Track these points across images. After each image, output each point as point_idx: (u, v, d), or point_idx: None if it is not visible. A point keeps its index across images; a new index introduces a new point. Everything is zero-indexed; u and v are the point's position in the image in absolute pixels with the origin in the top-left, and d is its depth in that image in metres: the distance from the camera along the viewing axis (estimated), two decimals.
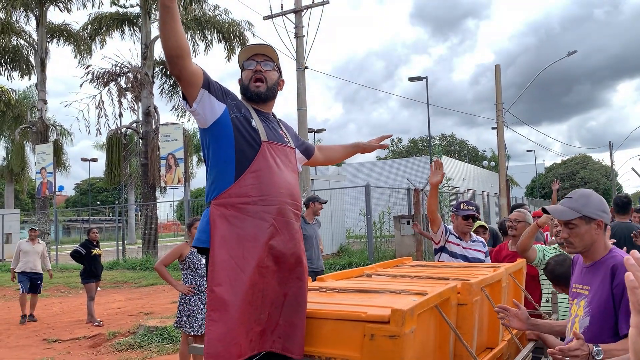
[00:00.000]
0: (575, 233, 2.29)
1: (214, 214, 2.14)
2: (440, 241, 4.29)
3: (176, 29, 1.98)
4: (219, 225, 2.12)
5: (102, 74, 18.26)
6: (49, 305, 11.15)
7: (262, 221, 2.16)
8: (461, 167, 37.11)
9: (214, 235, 2.11)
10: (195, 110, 2.20)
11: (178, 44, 2.00)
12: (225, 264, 2.06)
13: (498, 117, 19.70)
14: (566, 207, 2.31)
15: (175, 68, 2.06)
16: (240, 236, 2.11)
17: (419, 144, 60.56)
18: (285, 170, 2.30)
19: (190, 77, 2.11)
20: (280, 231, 2.20)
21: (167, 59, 2.05)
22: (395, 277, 3.00)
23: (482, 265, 3.52)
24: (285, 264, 2.21)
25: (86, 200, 57.52)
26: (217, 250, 2.08)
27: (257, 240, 2.13)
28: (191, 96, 2.17)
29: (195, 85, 2.15)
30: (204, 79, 2.17)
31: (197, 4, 20.03)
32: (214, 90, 2.21)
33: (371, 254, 13.37)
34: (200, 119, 2.23)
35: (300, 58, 13.35)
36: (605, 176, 58.66)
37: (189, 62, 2.08)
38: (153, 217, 18.77)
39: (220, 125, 2.22)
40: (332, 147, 2.97)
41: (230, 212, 2.14)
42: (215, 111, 2.21)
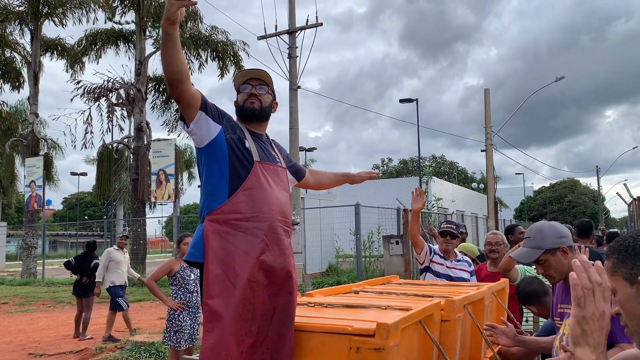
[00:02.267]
0: (548, 266, 2.42)
1: (208, 229, 2.24)
2: (425, 261, 4.40)
3: (177, 55, 2.11)
4: (212, 240, 2.22)
5: (93, 89, 18.33)
6: (34, 319, 11.06)
7: (254, 237, 2.26)
8: (450, 189, 37.38)
9: (208, 250, 2.21)
10: (192, 130, 2.31)
11: (178, 68, 2.13)
12: (218, 278, 2.16)
13: (487, 140, 19.97)
14: (528, 248, 2.43)
15: (176, 91, 2.19)
16: (232, 251, 2.21)
17: (409, 165, 60.92)
18: (276, 189, 2.41)
19: (189, 99, 2.23)
20: (270, 247, 2.30)
21: (167, 82, 2.18)
22: (382, 294, 3.09)
23: (467, 284, 3.62)
24: (275, 278, 2.30)
25: (74, 215, 57.09)
26: (211, 264, 2.18)
27: (249, 255, 2.23)
28: (189, 117, 2.29)
29: (194, 107, 2.27)
30: (202, 102, 2.29)
31: (193, 23, 20.25)
32: (211, 112, 2.33)
33: (360, 274, 13.42)
34: (197, 138, 2.35)
35: (293, 78, 13.54)
36: (593, 200, 59.25)
37: (188, 86, 2.21)
38: (142, 233, 18.71)
39: (215, 145, 2.33)
40: (323, 173, 3.11)
41: (223, 228, 2.24)
42: (211, 132, 2.33)
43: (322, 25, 13.36)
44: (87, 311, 8.88)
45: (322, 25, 13.31)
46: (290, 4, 13.98)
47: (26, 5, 20.16)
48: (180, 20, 2.05)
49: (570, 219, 55.77)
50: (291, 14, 13.87)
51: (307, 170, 2.95)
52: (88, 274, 8.93)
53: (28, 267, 19.68)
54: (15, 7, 20.31)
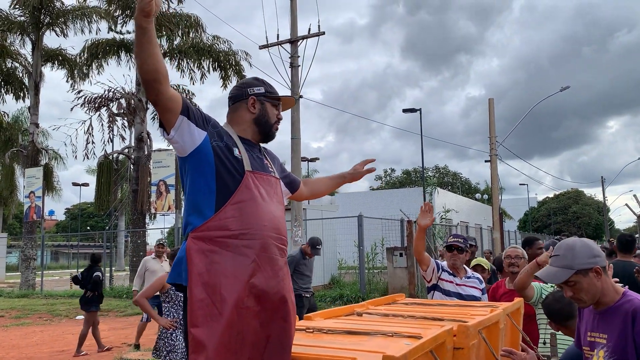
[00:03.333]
0: (579, 289, 2.15)
1: (191, 248, 1.99)
2: (432, 279, 4.12)
3: (152, 52, 1.86)
4: (196, 260, 1.96)
5: (93, 99, 18.18)
6: (29, 334, 10.80)
7: (243, 257, 2.01)
8: (454, 200, 37.07)
9: (191, 271, 1.95)
10: (173, 138, 2.07)
11: (155, 67, 1.88)
12: (202, 304, 1.91)
13: (491, 150, 19.72)
14: (557, 268, 2.18)
15: (152, 93, 1.94)
16: (218, 273, 1.96)
17: (412, 175, 60.65)
18: (270, 202, 2.16)
19: (168, 102, 1.99)
20: (262, 268, 2.04)
21: (143, 83, 1.94)
22: (387, 317, 2.83)
23: (478, 304, 3.36)
24: (268, 303, 2.04)
25: (76, 225, 56.94)
26: (194, 288, 1.93)
27: (237, 277, 1.97)
28: (169, 123, 2.04)
29: (173, 112, 2.02)
30: (183, 105, 2.05)
31: (196, 33, 20.11)
32: (194, 117, 2.09)
33: (363, 286, 13.13)
34: (179, 147, 2.11)
35: (295, 87, 13.34)
36: (597, 211, 58.82)
37: (167, 87, 1.96)
38: (142, 244, 18.46)
39: (200, 154, 2.09)
40: (317, 180, 2.85)
41: (209, 247, 1.99)
42: (194, 139, 2.08)
43: (324, 34, 13.18)
44: (86, 326, 8.54)
45: (325, 34, 13.14)
46: (293, 13, 13.82)
47: (27, 15, 20.09)
48: (156, 11, 1.79)
49: (575, 230, 55.33)
50: (293, 23, 13.71)
51: (300, 181, 2.70)
52: (90, 288, 8.65)
53: (27, 278, 19.42)
54: (17, 17, 20.24)
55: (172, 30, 19.33)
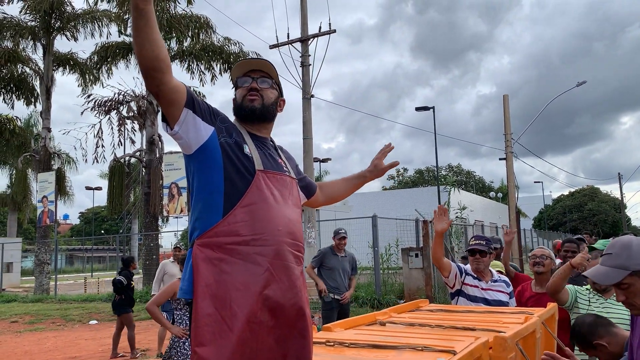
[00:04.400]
0: (633, 293, 1.90)
1: (197, 256, 1.79)
2: (456, 284, 3.88)
3: (152, 37, 1.66)
4: (203, 270, 1.76)
5: (104, 102, 18.11)
6: (42, 339, 10.71)
7: (255, 265, 1.80)
8: (468, 198, 36.68)
9: (197, 283, 1.75)
10: (177, 133, 1.86)
11: (155, 54, 1.67)
12: (210, 319, 1.70)
13: (507, 147, 19.40)
14: (609, 267, 1.92)
15: (153, 83, 1.73)
16: (228, 284, 1.75)
17: (425, 175, 60.24)
18: (284, 204, 1.95)
19: (171, 94, 1.78)
20: (277, 278, 1.83)
21: (142, 72, 1.72)
22: (413, 327, 2.61)
23: (509, 310, 3.13)
24: (284, 318, 1.83)
25: (90, 229, 57.26)
26: (200, 301, 1.72)
27: (249, 289, 1.77)
28: (172, 117, 1.84)
29: (177, 104, 1.82)
30: (188, 97, 1.84)
31: (206, 35, 19.98)
32: (200, 110, 1.88)
33: (378, 288, 12.90)
34: (184, 143, 1.90)
35: (306, 86, 13.16)
36: (614, 208, 57.94)
37: (169, 77, 1.75)
38: (155, 247, 18.37)
39: (206, 151, 1.89)
40: (332, 184, 2.54)
41: (217, 255, 1.79)
42: (201, 134, 1.88)
43: (335, 32, 12.97)
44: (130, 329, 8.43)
45: (335, 32, 12.93)
46: (303, 11, 13.64)
47: (38, 20, 20.11)
48: None
49: (591, 227, 54.54)
50: (303, 22, 13.53)
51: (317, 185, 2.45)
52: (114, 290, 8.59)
53: (41, 283, 19.43)
54: (28, 22, 20.26)
55: (181, 31, 19.23)
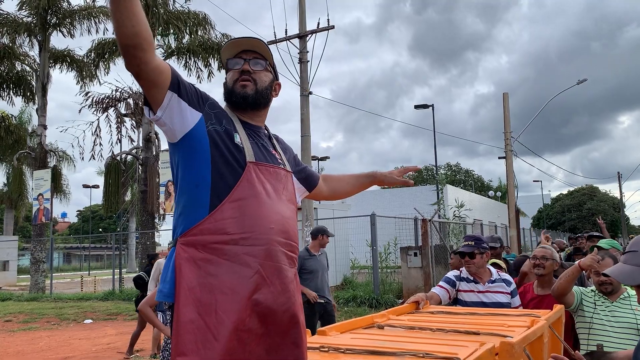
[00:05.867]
0: None
1: (180, 256, 1.62)
2: (451, 296, 3.73)
3: (132, 10, 1.48)
4: (186, 272, 1.59)
5: (101, 100, 17.96)
6: (36, 339, 10.55)
7: (244, 267, 1.63)
8: (467, 197, 36.56)
9: (179, 286, 1.58)
10: (160, 119, 1.68)
11: (135, 30, 1.50)
12: (192, 326, 1.54)
13: (506, 146, 19.24)
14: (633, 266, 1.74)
15: (133, 62, 1.55)
16: (214, 287, 1.59)
17: (424, 173, 60.08)
18: (277, 200, 1.78)
19: (153, 75, 1.60)
20: (268, 281, 1.67)
21: (121, 50, 1.54)
22: (413, 330, 2.46)
23: (515, 312, 2.98)
24: (275, 325, 1.67)
25: (88, 227, 57.08)
26: (182, 307, 1.56)
27: (237, 293, 1.60)
28: (155, 101, 1.65)
29: (160, 87, 1.63)
30: (173, 79, 1.66)
31: (204, 31, 19.81)
32: (187, 94, 1.70)
33: (376, 287, 12.76)
34: (168, 130, 1.72)
35: (304, 83, 13.00)
36: (613, 207, 57.87)
37: (151, 55, 1.57)
38: (151, 246, 18.20)
39: (193, 140, 1.71)
40: (340, 178, 2.35)
41: (202, 255, 1.62)
42: (187, 121, 1.70)
43: (333, 28, 12.81)
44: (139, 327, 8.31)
45: (334, 28, 12.77)
46: (301, 7, 13.46)
47: (34, 16, 19.92)
48: None
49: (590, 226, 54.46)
50: (301, 18, 13.36)
51: (320, 177, 2.26)
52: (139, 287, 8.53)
53: (36, 281, 19.27)
54: (23, 19, 20.08)
55: (179, 28, 19.06)
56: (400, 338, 2.29)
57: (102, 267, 44.57)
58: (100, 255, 53.77)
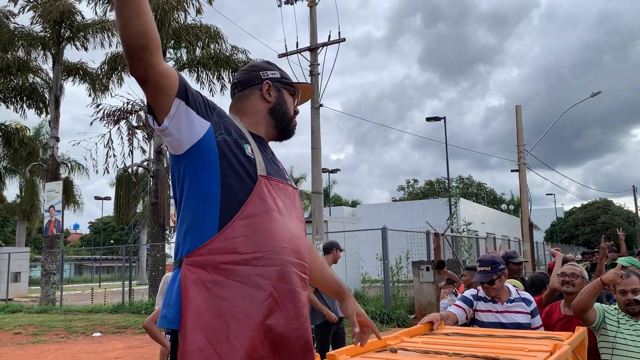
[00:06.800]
0: None
1: (187, 278, 1.49)
2: (468, 316, 3.58)
3: (141, 8, 1.38)
4: (194, 295, 1.47)
5: (113, 112, 18.05)
6: (44, 352, 10.48)
7: (257, 289, 1.52)
8: (480, 210, 36.23)
9: (186, 310, 1.46)
10: (167, 129, 1.55)
11: (144, 29, 1.39)
12: (202, 355, 1.42)
13: (520, 159, 19.04)
14: None
15: (139, 66, 1.43)
16: (225, 312, 1.47)
17: (435, 186, 59.76)
18: (288, 218, 1.67)
19: (160, 80, 1.48)
20: (282, 304, 1.55)
21: (127, 52, 1.43)
22: (428, 354, 2.33)
23: (534, 334, 2.83)
24: (287, 353, 1.55)
25: (100, 239, 57.35)
26: (190, 333, 1.43)
27: (249, 318, 1.49)
28: (161, 109, 1.53)
29: (167, 93, 1.52)
30: (180, 85, 1.54)
31: (217, 44, 19.90)
32: (194, 102, 1.58)
33: (388, 302, 12.58)
34: (174, 141, 1.59)
35: (315, 96, 12.94)
36: (628, 221, 57.07)
37: (158, 59, 1.45)
38: (161, 258, 18.16)
39: (200, 151, 1.58)
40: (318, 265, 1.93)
41: (211, 276, 1.49)
42: (195, 131, 1.57)
43: (344, 41, 12.78)
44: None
45: (345, 40, 12.73)
46: (312, 20, 13.46)
47: (48, 30, 20.14)
48: None
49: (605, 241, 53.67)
50: (312, 31, 13.35)
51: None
52: None
53: (47, 293, 19.27)
54: (38, 33, 20.30)
55: (190, 42, 19.17)
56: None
57: (113, 279, 44.68)
58: (112, 267, 53.96)
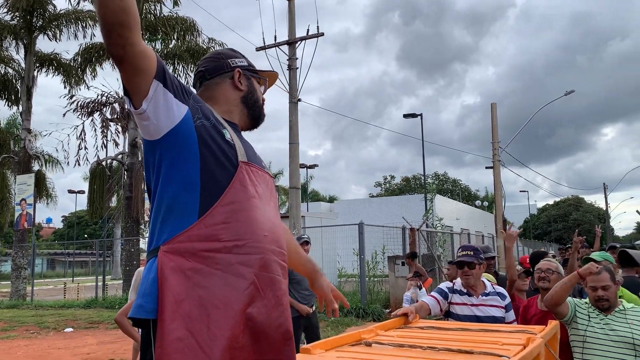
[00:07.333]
0: None
1: (165, 265, 1.43)
2: (442, 308, 3.60)
3: None
4: (173, 283, 1.41)
5: (86, 104, 17.72)
6: (14, 348, 10.25)
7: (239, 278, 1.47)
8: (454, 207, 36.62)
9: (165, 299, 1.40)
10: (145, 112, 1.48)
11: (123, 5, 1.33)
12: (181, 344, 1.36)
13: (494, 156, 19.26)
14: None
15: (117, 43, 1.37)
16: (205, 301, 1.42)
17: (412, 182, 60.21)
18: (268, 206, 1.64)
19: (139, 59, 1.42)
20: (263, 293, 1.52)
21: (104, 29, 1.36)
22: (402, 348, 2.33)
23: (508, 328, 2.85)
24: (268, 341, 1.52)
25: (73, 233, 56.39)
26: (169, 322, 1.38)
27: (230, 306, 1.44)
28: (139, 90, 1.46)
29: (146, 74, 1.45)
30: (159, 67, 1.48)
31: (192, 36, 19.69)
32: (172, 85, 1.52)
33: (364, 297, 12.63)
34: (151, 125, 1.52)
35: (293, 90, 12.89)
36: (598, 218, 58.36)
37: (139, 37, 1.39)
38: (136, 253, 17.93)
39: (178, 136, 1.52)
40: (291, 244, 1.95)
41: (190, 264, 1.44)
42: (173, 115, 1.51)
43: (323, 35, 12.74)
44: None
45: (324, 35, 12.70)
46: (290, 14, 13.39)
47: (19, 19, 19.66)
48: None
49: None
50: (291, 25, 13.28)
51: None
52: None
53: (17, 288, 18.88)
54: (8, 21, 19.80)
55: (167, 33, 18.92)
56: (389, 357, 2.16)
57: (87, 273, 43.96)
58: (85, 262, 53.07)
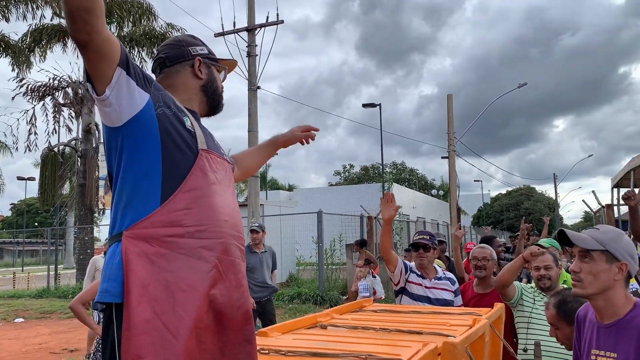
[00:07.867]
0: (590, 269, 1.88)
1: (130, 251, 1.47)
2: (400, 281, 3.75)
3: None
4: (138, 267, 1.46)
5: (37, 87, 17.11)
6: None
7: (202, 261, 1.54)
8: (411, 195, 37.29)
9: (130, 282, 1.44)
10: (108, 99, 1.51)
11: None
12: (148, 326, 1.41)
13: (450, 146, 19.70)
14: (589, 237, 1.91)
15: (83, 29, 1.38)
16: (170, 284, 1.48)
17: (370, 171, 60.82)
18: (227, 192, 1.71)
19: (104, 46, 1.44)
20: (225, 276, 1.59)
21: (70, 15, 1.37)
22: (356, 330, 2.42)
23: (456, 310, 2.99)
24: (229, 322, 1.59)
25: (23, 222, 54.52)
26: (136, 305, 1.42)
27: (195, 288, 1.51)
28: (102, 77, 1.49)
29: (110, 60, 1.48)
30: (122, 54, 1.51)
31: (148, 20, 19.26)
32: (135, 73, 1.55)
33: (322, 284, 12.76)
34: (113, 112, 1.54)
35: (253, 77, 12.81)
36: (548, 207, 60.45)
37: (103, 24, 1.42)
38: (90, 241, 17.54)
39: (140, 123, 1.56)
40: (245, 155, 2.26)
41: (155, 249, 1.49)
42: (135, 102, 1.55)
43: (282, 23, 12.68)
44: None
45: (283, 22, 12.64)
46: (250, 0, 13.26)
47: None
48: None
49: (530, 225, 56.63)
50: (250, 11, 13.16)
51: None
52: None
53: None
54: None
55: (122, 17, 18.43)
56: (343, 339, 2.24)
57: (38, 262, 42.64)
58: (36, 251, 51.47)
